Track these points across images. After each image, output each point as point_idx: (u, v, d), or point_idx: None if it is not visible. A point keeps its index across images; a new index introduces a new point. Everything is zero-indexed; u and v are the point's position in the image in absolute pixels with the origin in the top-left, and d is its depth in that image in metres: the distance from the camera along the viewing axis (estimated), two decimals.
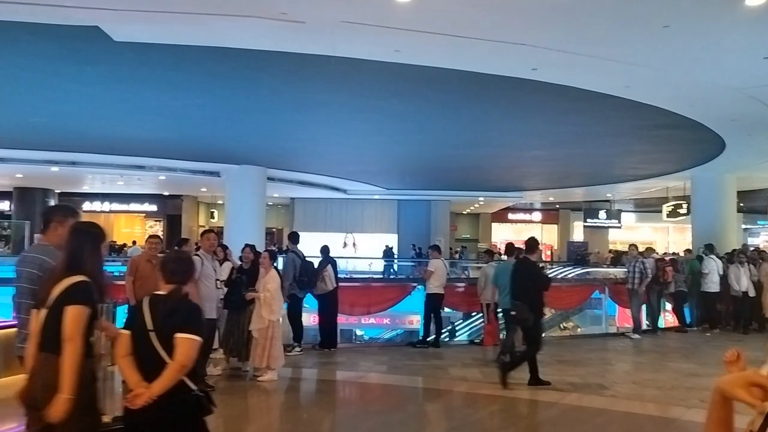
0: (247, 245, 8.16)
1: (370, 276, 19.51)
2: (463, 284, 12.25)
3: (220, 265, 7.42)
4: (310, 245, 10.77)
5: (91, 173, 18.95)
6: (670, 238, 35.31)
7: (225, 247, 8.38)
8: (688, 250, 15.97)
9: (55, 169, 16.76)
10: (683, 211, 19.20)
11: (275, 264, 7.77)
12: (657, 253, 14.68)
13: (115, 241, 26.44)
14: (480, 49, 6.92)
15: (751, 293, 12.13)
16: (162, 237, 28.31)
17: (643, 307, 12.07)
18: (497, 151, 14.96)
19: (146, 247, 7.59)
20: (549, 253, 31.42)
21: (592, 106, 9.56)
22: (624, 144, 13.33)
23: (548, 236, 33.98)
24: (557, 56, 7.11)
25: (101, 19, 6.23)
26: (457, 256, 26.64)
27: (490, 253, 11.95)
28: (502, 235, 33.91)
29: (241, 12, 5.95)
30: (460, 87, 8.87)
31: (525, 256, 7.75)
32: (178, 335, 3.06)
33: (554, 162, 16.45)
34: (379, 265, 23.44)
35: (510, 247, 9.69)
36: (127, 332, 3.20)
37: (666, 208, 20.42)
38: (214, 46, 7.15)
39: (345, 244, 25.09)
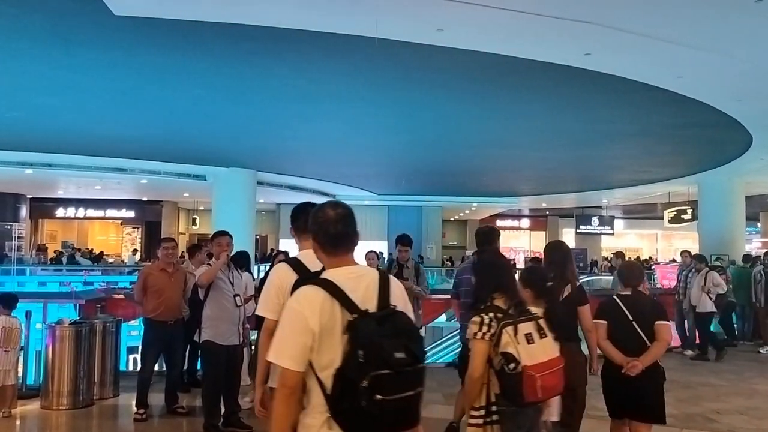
0: (372, 251, 7.64)
1: None
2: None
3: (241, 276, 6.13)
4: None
5: (67, 176, 17.64)
6: (659, 245, 35.06)
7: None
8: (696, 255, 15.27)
9: (29, 171, 15.51)
10: (688, 216, 18.71)
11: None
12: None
13: (92, 249, 25.10)
14: (536, 28, 6.08)
15: None
16: (141, 244, 27.11)
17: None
18: (506, 152, 14.17)
19: (161, 253, 6.29)
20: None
21: (631, 99, 8.83)
22: (646, 145, 12.64)
23: (536, 243, 33.44)
24: (617, 36, 6.30)
25: None
26: (449, 263, 25.79)
27: None
28: None
29: None
30: (494, 77, 8.04)
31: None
32: (659, 323, 4.14)
33: (560, 165, 15.70)
34: None
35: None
36: (603, 322, 4.25)
37: (668, 214, 19.91)
38: (229, 23, 6.21)
39: None
